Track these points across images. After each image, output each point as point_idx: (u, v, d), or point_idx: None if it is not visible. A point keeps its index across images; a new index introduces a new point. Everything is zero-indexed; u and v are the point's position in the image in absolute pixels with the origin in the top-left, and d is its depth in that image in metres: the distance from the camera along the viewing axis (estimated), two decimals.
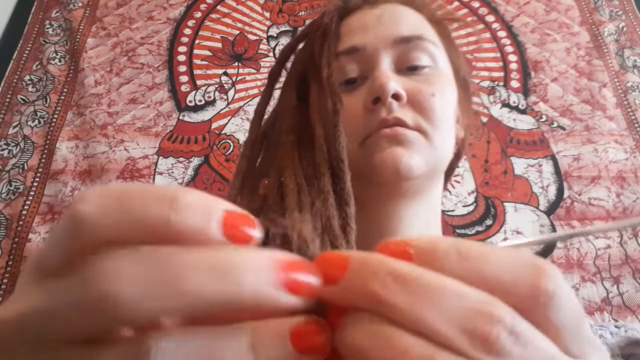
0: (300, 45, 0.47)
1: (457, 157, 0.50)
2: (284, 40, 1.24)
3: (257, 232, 0.16)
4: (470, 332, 0.15)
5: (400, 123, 0.40)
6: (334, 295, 0.16)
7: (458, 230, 0.98)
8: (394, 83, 0.40)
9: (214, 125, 1.10)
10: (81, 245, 0.15)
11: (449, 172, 0.52)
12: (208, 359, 0.15)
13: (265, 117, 0.46)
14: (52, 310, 0.15)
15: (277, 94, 0.48)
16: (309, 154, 0.37)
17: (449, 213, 0.99)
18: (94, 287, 0.14)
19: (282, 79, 0.51)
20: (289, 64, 0.48)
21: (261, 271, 0.15)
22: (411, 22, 0.45)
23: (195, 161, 1.05)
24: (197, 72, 1.18)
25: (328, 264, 0.17)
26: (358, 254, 0.17)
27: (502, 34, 1.25)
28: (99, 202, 0.15)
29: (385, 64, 0.42)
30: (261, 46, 1.23)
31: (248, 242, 0.16)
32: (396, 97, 0.40)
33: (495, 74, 1.18)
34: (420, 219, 0.44)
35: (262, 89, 1.15)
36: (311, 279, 0.16)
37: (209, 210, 0.15)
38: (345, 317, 0.17)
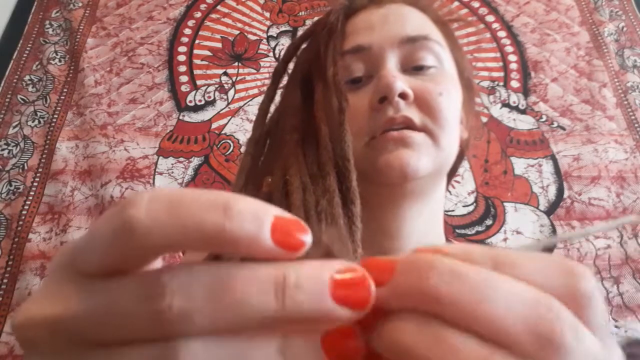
0: (305, 44, 0.47)
1: (459, 158, 0.50)
2: (284, 40, 1.24)
3: (308, 238, 0.16)
4: (533, 327, 0.15)
5: (408, 122, 0.40)
6: (381, 297, 0.16)
7: (458, 230, 0.98)
8: (401, 82, 0.40)
9: (214, 125, 1.10)
10: (131, 251, 0.15)
11: (452, 173, 0.52)
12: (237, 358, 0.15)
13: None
14: (95, 315, 0.15)
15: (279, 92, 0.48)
16: (314, 153, 0.37)
17: (449, 213, 0.99)
18: (156, 300, 0.14)
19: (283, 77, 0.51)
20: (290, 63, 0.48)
21: (319, 287, 0.15)
22: (417, 22, 0.45)
23: (195, 161, 1.05)
24: (197, 72, 1.18)
25: (374, 268, 0.16)
26: (403, 256, 0.16)
27: (502, 34, 1.25)
28: (151, 208, 0.14)
29: (392, 63, 0.42)
30: (261, 46, 1.23)
31: (299, 248, 0.15)
32: (403, 96, 0.40)
33: (495, 74, 1.18)
34: (424, 219, 0.44)
35: (262, 89, 1.16)
36: (366, 293, 0.15)
37: (261, 217, 0.15)
38: (388, 318, 0.16)
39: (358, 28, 0.45)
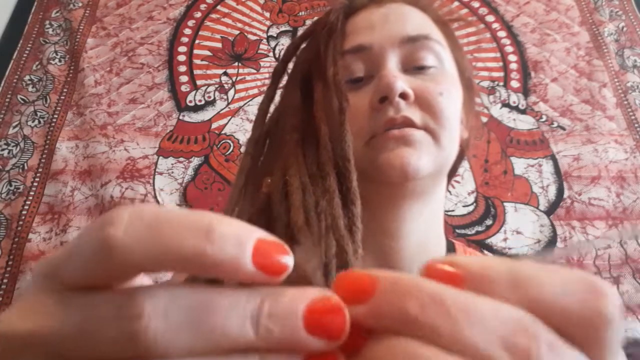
0: (305, 44, 0.47)
1: (460, 158, 0.50)
2: (284, 40, 1.24)
3: (289, 261, 0.16)
4: (510, 350, 0.15)
5: (409, 122, 0.40)
6: (360, 315, 0.16)
7: (458, 230, 0.98)
8: (402, 82, 0.40)
9: (214, 125, 1.10)
10: (110, 269, 0.15)
11: (452, 173, 0.52)
12: None
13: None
14: (71, 333, 0.15)
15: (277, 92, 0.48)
16: (314, 153, 0.37)
17: (449, 213, 0.99)
18: (132, 321, 0.14)
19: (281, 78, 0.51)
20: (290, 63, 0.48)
21: (292, 320, 0.15)
22: (417, 21, 0.45)
23: (195, 161, 1.05)
24: (197, 72, 1.18)
25: (354, 283, 0.16)
26: (385, 273, 0.16)
27: (502, 34, 1.25)
28: (131, 228, 0.14)
29: (392, 63, 0.42)
30: (261, 46, 1.23)
31: (281, 272, 0.15)
32: (404, 96, 0.40)
33: (495, 74, 1.18)
34: (424, 219, 0.44)
35: (262, 89, 1.16)
36: (341, 323, 0.15)
37: (243, 241, 0.15)
38: (372, 340, 0.16)
39: (358, 27, 0.45)
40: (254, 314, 0.15)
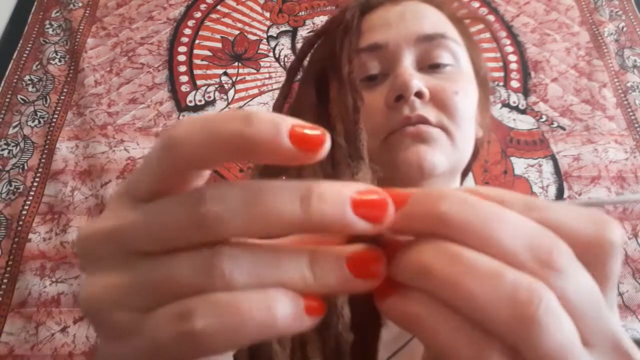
0: (320, 41, 0.47)
1: (474, 156, 0.50)
2: (284, 40, 1.24)
3: (326, 142, 0.17)
4: (535, 250, 0.16)
5: (424, 121, 0.40)
6: (397, 217, 0.17)
7: None
8: (417, 81, 0.40)
9: None
10: (174, 166, 0.17)
11: (465, 172, 0.52)
12: (271, 267, 0.17)
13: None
14: (143, 225, 0.17)
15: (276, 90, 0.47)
16: (329, 151, 0.37)
17: None
18: (197, 207, 0.16)
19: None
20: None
21: (341, 200, 0.17)
22: (433, 20, 0.45)
23: None
24: (197, 72, 1.18)
25: (390, 195, 0.18)
26: (419, 189, 0.18)
27: (502, 34, 1.25)
28: (187, 127, 0.17)
29: (408, 61, 0.42)
30: (261, 46, 1.23)
31: (318, 148, 0.17)
32: (419, 94, 0.40)
33: (495, 74, 1.18)
34: None
35: (262, 89, 1.16)
36: (384, 209, 0.17)
37: (278, 122, 0.16)
38: (406, 243, 0.18)
39: (374, 25, 0.44)
40: (305, 196, 0.16)
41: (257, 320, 0.16)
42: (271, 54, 1.22)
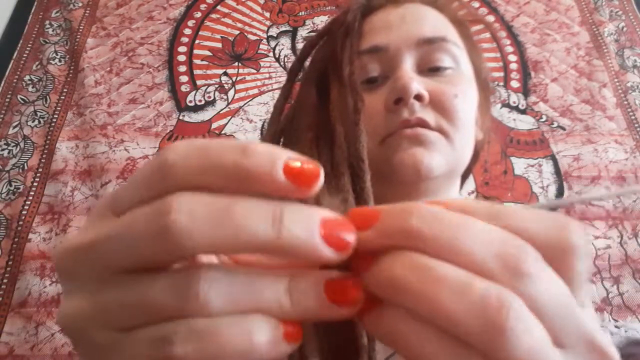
0: (321, 42, 0.47)
1: (474, 159, 0.50)
2: (284, 40, 1.24)
3: (320, 176, 0.17)
4: (502, 258, 0.17)
5: (423, 124, 0.40)
6: (369, 236, 0.18)
7: None
8: (417, 84, 0.40)
9: (214, 125, 1.10)
10: (166, 189, 0.17)
11: (466, 174, 0.52)
12: (249, 292, 0.17)
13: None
14: (122, 236, 0.17)
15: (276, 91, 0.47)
16: (329, 152, 0.37)
17: None
18: (163, 216, 0.16)
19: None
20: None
21: (311, 224, 0.17)
22: (434, 22, 0.45)
23: None
24: (197, 72, 1.18)
25: (360, 215, 0.18)
26: (388, 206, 0.18)
27: (502, 34, 1.25)
28: (184, 151, 0.17)
29: (408, 64, 0.42)
30: (261, 46, 1.23)
31: (311, 184, 0.17)
32: (418, 97, 0.40)
33: (495, 74, 1.18)
34: None
35: (262, 89, 1.16)
36: (351, 237, 0.17)
37: (274, 155, 0.17)
38: (378, 258, 0.18)
39: (375, 28, 0.45)
40: (277, 217, 0.16)
41: (236, 347, 0.16)
42: (271, 54, 1.22)
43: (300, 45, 1.20)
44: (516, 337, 0.16)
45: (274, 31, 1.25)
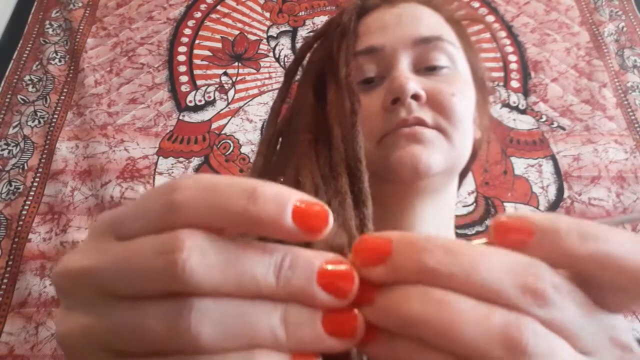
0: (318, 44, 0.47)
1: (472, 158, 0.50)
2: (284, 40, 1.24)
3: (329, 220, 0.17)
4: (520, 287, 0.17)
5: (420, 123, 0.40)
6: (381, 274, 0.18)
7: (458, 231, 0.98)
8: (414, 83, 0.40)
9: (214, 125, 1.10)
10: (173, 220, 0.17)
11: (464, 173, 0.52)
12: (242, 322, 0.17)
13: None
14: (126, 265, 0.17)
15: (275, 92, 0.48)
16: (326, 154, 0.37)
17: None
18: (173, 253, 0.16)
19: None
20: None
21: (309, 273, 0.17)
22: (430, 22, 0.45)
23: (195, 161, 1.05)
24: (197, 72, 1.18)
25: (371, 247, 0.18)
26: (400, 234, 0.18)
27: (502, 34, 1.25)
28: (192, 193, 0.17)
29: (404, 64, 0.42)
30: (261, 46, 1.23)
31: (320, 230, 0.17)
32: (416, 97, 0.40)
33: (495, 74, 1.18)
34: (436, 218, 0.44)
35: (262, 89, 1.16)
36: (350, 285, 0.17)
37: (283, 201, 0.17)
38: (385, 291, 0.18)
39: (371, 28, 0.45)
40: (277, 264, 0.17)
41: None
42: (271, 54, 1.22)
43: (299, 46, 1.20)
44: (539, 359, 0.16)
45: (274, 31, 1.25)
